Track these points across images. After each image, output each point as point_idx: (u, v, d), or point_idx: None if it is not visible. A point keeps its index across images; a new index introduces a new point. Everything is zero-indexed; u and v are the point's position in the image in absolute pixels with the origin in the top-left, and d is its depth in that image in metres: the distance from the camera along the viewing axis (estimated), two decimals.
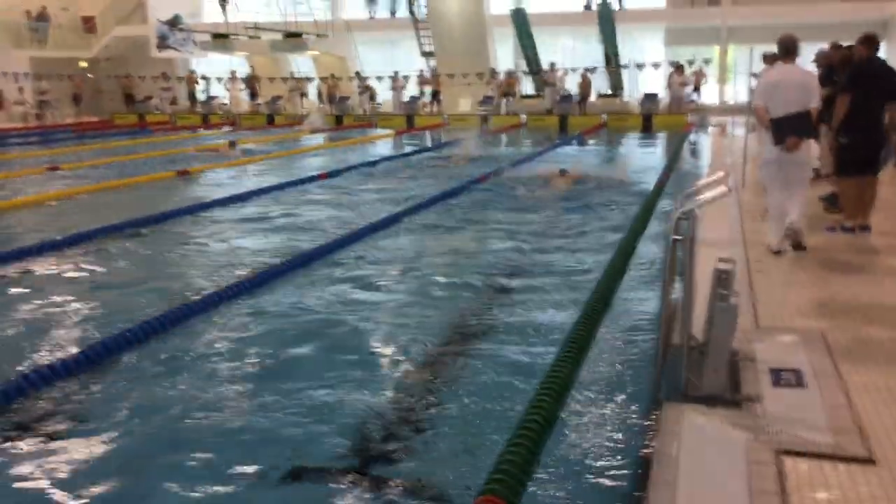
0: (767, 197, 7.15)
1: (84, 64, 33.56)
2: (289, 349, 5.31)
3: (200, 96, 32.71)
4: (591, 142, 21.36)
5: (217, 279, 7.00)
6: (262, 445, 3.94)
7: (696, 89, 27.78)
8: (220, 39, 31.11)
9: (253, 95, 31.69)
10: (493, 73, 28.77)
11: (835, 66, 9.59)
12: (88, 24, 33.87)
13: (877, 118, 7.25)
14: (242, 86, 32.16)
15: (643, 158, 17.77)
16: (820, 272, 6.21)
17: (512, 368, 4.84)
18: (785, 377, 4.08)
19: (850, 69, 7.70)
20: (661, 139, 22.23)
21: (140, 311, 5.96)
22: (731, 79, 31.51)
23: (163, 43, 33.04)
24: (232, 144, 19.31)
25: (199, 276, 7.23)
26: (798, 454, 3.24)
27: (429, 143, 21.66)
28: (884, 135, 7.30)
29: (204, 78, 33.13)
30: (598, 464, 3.66)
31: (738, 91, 29.65)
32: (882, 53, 7.71)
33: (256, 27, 29.76)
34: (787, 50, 6.85)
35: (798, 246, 6.74)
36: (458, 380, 4.75)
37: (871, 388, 3.88)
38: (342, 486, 3.57)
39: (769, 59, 15.03)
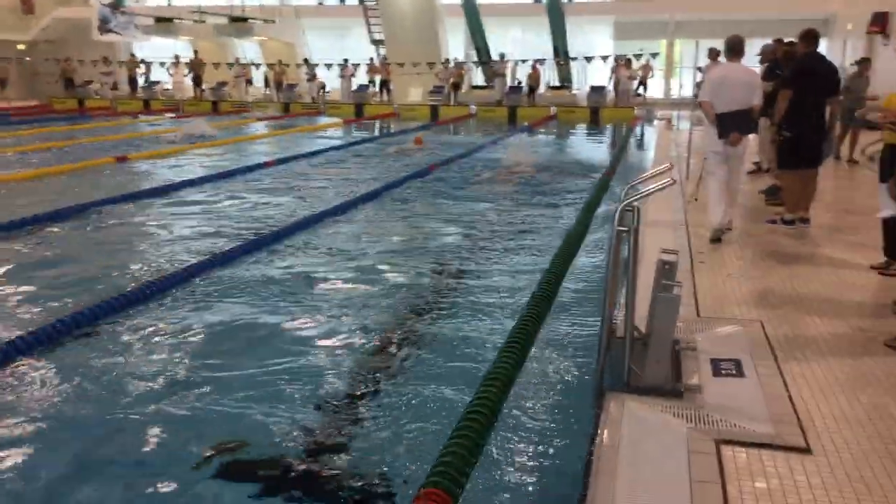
0: (709, 184, 7.45)
1: (21, 46, 32.54)
2: (229, 339, 5.20)
3: (140, 80, 31.92)
4: (540, 133, 21.46)
5: (157, 268, 6.84)
6: (200, 436, 3.84)
7: (643, 83, 28.07)
8: (164, 23, 30.48)
9: (197, 81, 31.06)
10: (447, 63, 28.66)
11: (779, 61, 9.77)
12: (27, 4, 32.81)
13: (818, 113, 7.38)
14: (186, 71, 31.50)
15: (591, 150, 17.92)
16: (760, 264, 6.31)
17: (457, 359, 4.81)
18: (725, 367, 4.12)
19: (791, 65, 7.83)
20: (608, 132, 22.44)
21: (76, 299, 5.80)
22: (677, 73, 31.92)
23: (104, 26, 32.19)
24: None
25: (138, 265, 7.04)
26: (737, 443, 3.27)
27: (377, 133, 21.52)
28: (824, 129, 7.44)
29: (143, 62, 32.29)
30: (541, 454, 3.65)
31: (684, 85, 30.10)
32: (822, 50, 7.85)
33: (201, 11, 29.20)
34: (734, 49, 7.11)
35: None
36: (402, 371, 4.70)
37: (809, 378, 3.94)
38: (281, 480, 3.50)
39: (714, 54, 15.42)
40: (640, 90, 28.14)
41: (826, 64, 7.58)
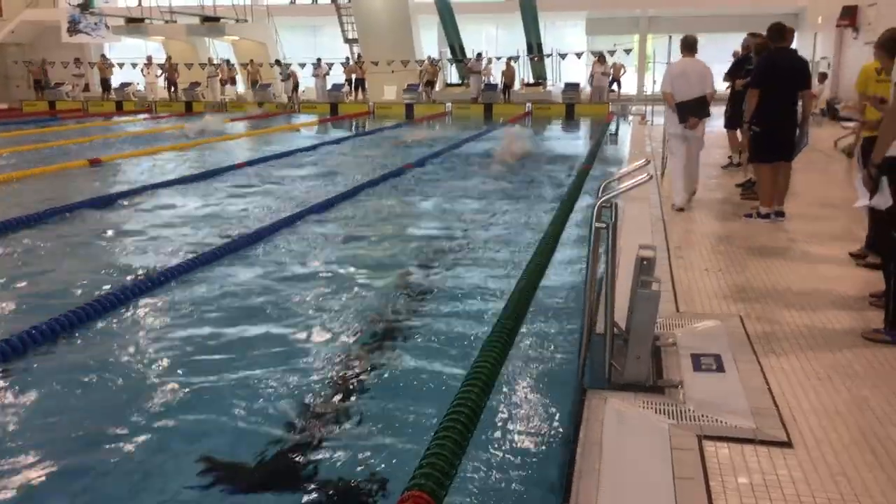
0: (670, 164, 8.90)
1: None
2: (208, 344, 5.13)
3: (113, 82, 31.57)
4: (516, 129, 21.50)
5: (131, 272, 6.75)
6: (179, 443, 3.79)
7: (616, 80, 28.15)
8: (135, 24, 30.14)
9: (170, 82, 30.76)
10: (429, 59, 28.63)
11: (747, 57, 9.86)
12: None
13: (789, 106, 7.46)
14: (159, 72, 31.18)
15: (567, 146, 17.97)
16: (738, 258, 6.34)
17: (438, 358, 4.78)
18: (705, 362, 4.13)
19: (758, 62, 7.95)
20: (583, 127, 22.52)
21: (50, 306, 5.69)
22: (651, 68, 32.10)
23: (74, 27, 31.80)
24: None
25: (112, 269, 6.95)
26: (719, 439, 3.28)
27: (354, 131, 21.46)
28: (795, 122, 7.51)
29: (108, 63, 31.88)
30: (524, 453, 3.64)
31: (658, 80, 30.21)
32: (795, 43, 7.95)
33: (172, 11, 28.91)
34: (690, 46, 8.33)
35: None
36: (383, 373, 4.67)
37: (788, 372, 3.96)
38: (264, 484, 3.46)
39: None
40: (614, 87, 28.25)
41: (796, 58, 7.67)
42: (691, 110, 8.10)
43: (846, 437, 3.27)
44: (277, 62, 30.24)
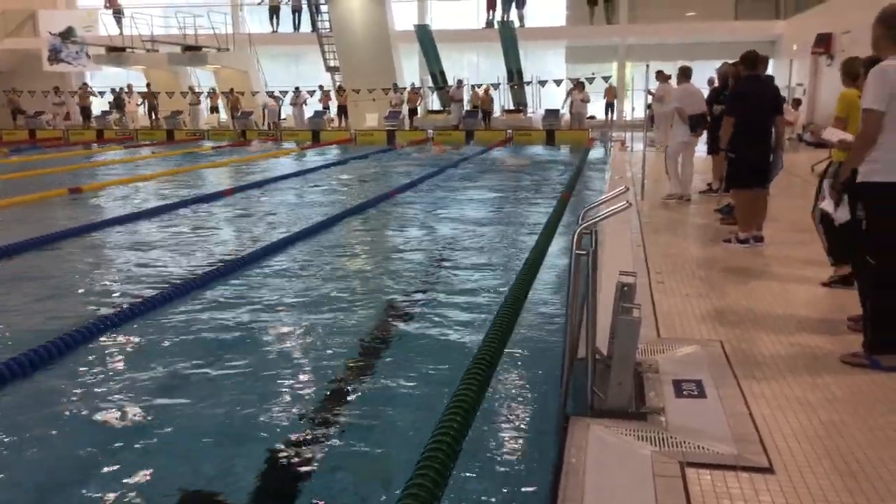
0: (670, 163, 11.04)
1: None
2: (190, 371, 5.08)
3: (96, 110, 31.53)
4: (496, 153, 21.67)
5: (112, 302, 6.69)
6: (155, 477, 3.74)
7: (610, 105, 28.31)
8: (116, 53, 30.13)
9: (151, 110, 30.73)
10: (396, 87, 28.83)
11: (726, 85, 10.01)
12: None
13: (763, 133, 7.57)
14: (140, 100, 31.16)
15: (548, 172, 18.08)
16: (718, 283, 6.39)
17: (420, 386, 4.77)
18: (687, 388, 4.14)
19: (731, 90, 8.10)
20: (564, 153, 22.68)
21: (26, 339, 5.63)
22: (629, 95, 32.40)
23: (55, 56, 31.81)
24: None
25: (89, 299, 6.89)
26: (702, 465, 3.28)
27: (335, 158, 21.49)
28: (769, 148, 7.63)
29: (89, 91, 31.85)
30: (506, 482, 3.62)
31: (636, 107, 30.44)
32: (770, 70, 8.09)
33: (154, 40, 28.95)
34: (687, 74, 10.82)
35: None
36: (364, 400, 4.64)
37: (769, 397, 3.98)
38: None
39: (662, 76, 16.18)
40: (592, 112, 28.51)
41: (768, 85, 7.82)
42: (698, 122, 10.39)
43: (827, 462, 3.28)
44: (271, 95, 30.25)
